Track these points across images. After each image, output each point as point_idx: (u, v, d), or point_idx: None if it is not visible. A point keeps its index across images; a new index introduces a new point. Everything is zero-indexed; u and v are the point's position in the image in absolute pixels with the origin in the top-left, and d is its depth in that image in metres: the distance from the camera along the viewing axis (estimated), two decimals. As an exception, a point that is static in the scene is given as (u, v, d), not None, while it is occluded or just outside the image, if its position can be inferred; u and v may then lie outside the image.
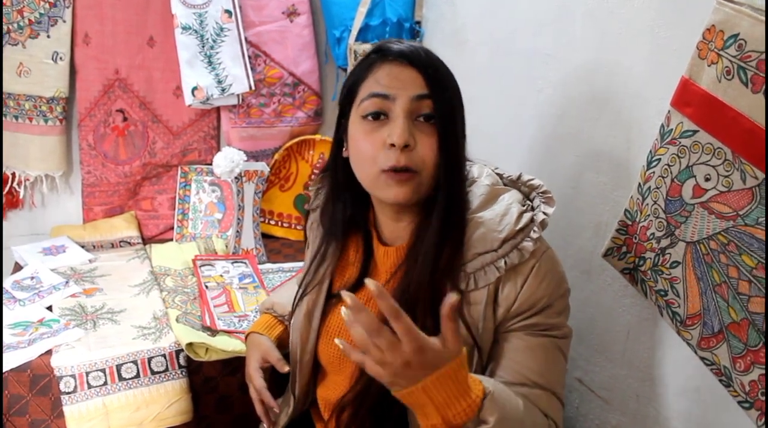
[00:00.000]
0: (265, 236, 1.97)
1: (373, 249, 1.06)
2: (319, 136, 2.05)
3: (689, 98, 0.91)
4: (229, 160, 1.76)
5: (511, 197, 0.99)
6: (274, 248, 1.97)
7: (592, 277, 1.24)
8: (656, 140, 0.98)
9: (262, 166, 1.87)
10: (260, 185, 1.86)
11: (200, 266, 1.76)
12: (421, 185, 0.95)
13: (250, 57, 1.93)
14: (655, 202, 0.98)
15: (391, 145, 0.92)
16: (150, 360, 1.41)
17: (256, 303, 1.60)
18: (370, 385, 0.97)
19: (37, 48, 1.80)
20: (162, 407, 1.38)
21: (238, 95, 1.94)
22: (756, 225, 0.82)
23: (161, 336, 1.46)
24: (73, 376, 1.35)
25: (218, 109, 2.00)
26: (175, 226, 2.00)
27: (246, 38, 1.91)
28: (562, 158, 1.32)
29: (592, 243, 1.22)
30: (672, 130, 0.94)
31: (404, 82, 0.94)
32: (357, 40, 1.88)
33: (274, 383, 1.20)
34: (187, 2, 1.84)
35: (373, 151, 0.94)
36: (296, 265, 1.84)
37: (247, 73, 1.92)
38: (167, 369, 1.41)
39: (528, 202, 1.00)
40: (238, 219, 1.85)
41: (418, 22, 1.95)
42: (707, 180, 0.88)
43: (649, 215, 1.00)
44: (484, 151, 1.55)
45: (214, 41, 1.88)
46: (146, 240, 1.97)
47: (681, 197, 0.93)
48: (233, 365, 1.45)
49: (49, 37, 1.81)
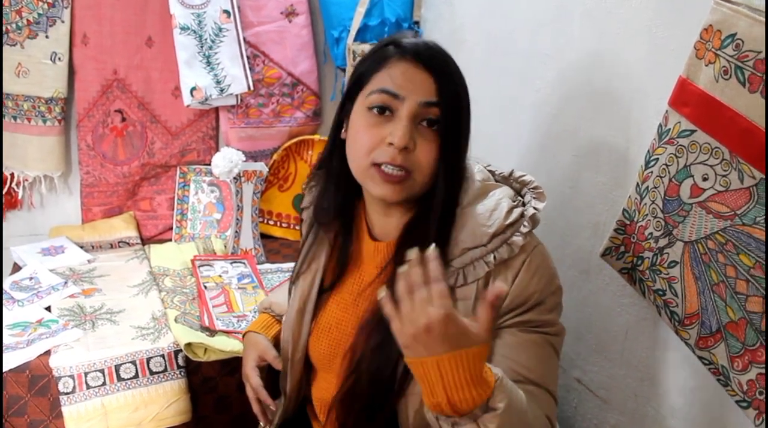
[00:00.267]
0: (264, 236, 1.97)
1: (362, 242, 1.06)
2: (318, 136, 2.05)
3: (687, 98, 0.91)
4: (227, 160, 1.76)
5: (501, 193, 0.98)
6: (272, 248, 1.97)
7: (590, 277, 1.24)
8: (654, 140, 0.98)
9: (261, 167, 1.87)
10: (259, 185, 1.86)
11: (199, 266, 1.76)
12: (413, 187, 0.95)
13: (248, 57, 1.93)
14: (653, 202, 0.98)
15: (390, 143, 0.92)
16: (149, 360, 1.41)
17: (254, 304, 1.60)
18: (359, 383, 0.97)
19: (36, 48, 1.80)
20: (161, 407, 1.38)
21: (237, 95, 1.94)
22: (754, 225, 0.82)
23: (160, 337, 1.46)
24: (72, 377, 1.35)
25: (217, 110, 2.00)
26: (174, 227, 2.00)
27: (244, 38, 1.91)
28: (560, 158, 1.32)
29: (591, 243, 1.23)
30: (670, 129, 0.94)
31: (416, 85, 0.94)
32: (355, 40, 1.88)
33: (272, 382, 1.20)
34: (185, 2, 1.84)
35: (371, 144, 0.94)
36: (295, 265, 1.84)
37: (246, 73, 1.92)
38: (166, 370, 1.41)
39: (519, 197, 1.00)
40: (237, 219, 1.85)
41: (417, 22, 1.95)
42: (705, 179, 0.89)
43: (647, 215, 1.00)
44: (482, 150, 1.54)
45: (213, 41, 1.88)
46: (145, 241, 1.97)
47: (679, 197, 0.93)
48: (232, 365, 1.45)
49: (47, 37, 1.81)
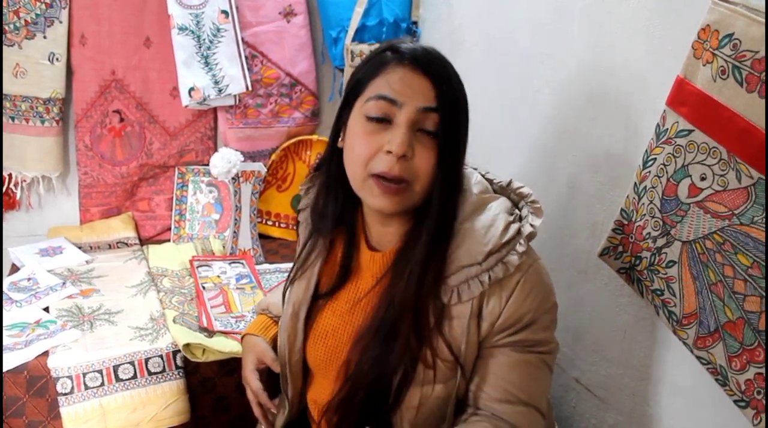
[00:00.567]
0: (263, 236, 1.97)
1: (359, 251, 1.04)
2: (316, 137, 2.05)
3: (685, 98, 0.91)
4: (226, 160, 1.76)
5: (498, 207, 0.97)
6: (271, 248, 1.97)
7: (588, 277, 1.24)
8: (652, 140, 0.98)
9: (259, 167, 1.87)
10: (257, 186, 1.86)
11: (197, 267, 1.76)
12: (412, 197, 0.93)
13: (246, 57, 1.92)
14: (651, 202, 0.98)
15: (388, 152, 0.91)
16: (147, 360, 1.41)
17: (253, 304, 1.60)
18: (356, 389, 0.96)
19: (34, 49, 1.80)
20: (159, 408, 1.38)
21: (235, 96, 1.94)
22: (751, 225, 0.82)
23: (158, 337, 1.46)
24: (70, 377, 1.35)
25: (215, 110, 2.00)
26: (173, 227, 2.00)
27: (243, 39, 1.91)
28: (558, 158, 1.32)
29: (589, 243, 1.23)
30: (668, 129, 0.94)
31: (414, 91, 0.92)
32: (354, 40, 1.88)
33: (272, 384, 1.20)
34: (183, 3, 1.84)
35: (369, 154, 0.92)
36: (293, 266, 1.84)
37: (244, 73, 1.92)
38: (164, 370, 1.41)
39: (516, 210, 0.98)
40: (236, 219, 1.85)
41: (415, 23, 1.95)
42: (703, 179, 0.89)
43: (645, 214, 1.00)
44: (480, 151, 1.55)
45: (211, 42, 1.88)
46: (143, 241, 1.97)
47: (677, 196, 0.93)
48: (230, 365, 1.45)
49: (45, 37, 1.81)
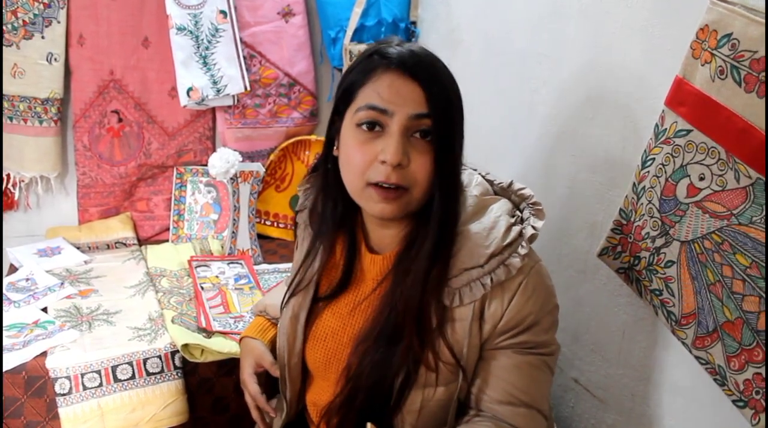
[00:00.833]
0: (261, 237, 1.97)
1: (360, 254, 1.04)
2: (315, 137, 2.05)
3: (683, 98, 0.91)
4: (224, 160, 1.76)
5: (499, 208, 0.97)
6: (269, 249, 1.97)
7: (587, 277, 1.24)
8: (651, 140, 0.98)
9: (258, 167, 1.86)
10: (256, 186, 1.86)
11: (196, 267, 1.76)
12: (411, 202, 0.93)
13: (245, 57, 1.92)
14: (650, 202, 0.98)
15: (383, 161, 0.90)
16: (145, 361, 1.40)
17: (251, 304, 1.60)
18: (357, 392, 0.96)
19: (32, 49, 1.80)
20: (158, 408, 1.38)
21: (234, 96, 1.94)
22: (750, 225, 0.82)
23: (157, 338, 1.46)
24: (68, 378, 1.35)
25: (213, 110, 2.00)
26: (171, 227, 2.00)
27: (241, 39, 1.91)
28: (557, 158, 1.32)
29: (588, 243, 1.23)
30: (666, 129, 0.94)
31: (405, 98, 0.90)
32: (352, 40, 1.88)
33: (270, 386, 1.20)
34: (181, 3, 1.83)
35: (364, 164, 0.91)
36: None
37: (243, 73, 1.92)
38: (163, 371, 1.41)
39: (518, 212, 0.98)
40: (234, 219, 1.85)
41: (414, 23, 1.95)
42: (701, 179, 0.89)
43: (644, 214, 1.00)
44: (479, 151, 1.55)
45: (209, 42, 1.88)
46: (142, 242, 1.97)
47: (675, 196, 0.93)
48: (229, 366, 1.45)
49: (43, 38, 1.80)
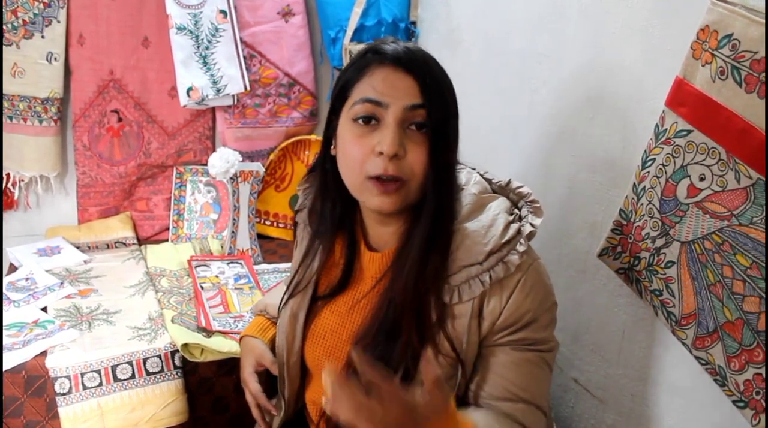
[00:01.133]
0: (261, 236, 1.97)
1: (359, 253, 1.05)
2: (315, 137, 2.05)
3: (683, 98, 0.91)
4: (224, 160, 1.76)
5: (498, 207, 0.97)
6: (269, 248, 1.97)
7: (587, 277, 1.24)
8: (651, 140, 0.98)
9: (258, 167, 1.87)
10: (256, 185, 1.86)
11: (196, 267, 1.76)
12: (409, 194, 0.93)
13: (245, 57, 1.92)
14: (650, 202, 0.98)
15: (380, 152, 0.91)
16: (145, 361, 1.40)
17: (251, 304, 1.60)
18: None
19: (32, 48, 1.80)
20: (157, 408, 1.38)
21: (234, 95, 1.94)
22: (750, 225, 0.82)
23: (156, 337, 1.46)
24: (68, 377, 1.35)
25: (213, 110, 1.99)
26: (171, 227, 1.99)
27: (241, 38, 1.91)
28: (557, 158, 1.32)
29: (588, 243, 1.23)
30: (666, 129, 0.94)
31: (399, 90, 0.92)
32: (352, 40, 1.88)
33: (270, 385, 1.20)
34: (181, 2, 1.83)
35: (361, 157, 0.92)
36: (292, 266, 1.84)
37: (243, 73, 1.91)
38: (163, 370, 1.41)
39: (516, 210, 0.99)
40: (234, 219, 1.85)
41: (413, 23, 1.95)
42: (702, 179, 0.89)
43: (644, 215, 1.00)
44: (478, 151, 1.56)
45: (209, 41, 1.88)
46: (141, 241, 1.97)
47: (676, 197, 0.93)
48: (229, 366, 1.45)
49: (43, 37, 1.80)
